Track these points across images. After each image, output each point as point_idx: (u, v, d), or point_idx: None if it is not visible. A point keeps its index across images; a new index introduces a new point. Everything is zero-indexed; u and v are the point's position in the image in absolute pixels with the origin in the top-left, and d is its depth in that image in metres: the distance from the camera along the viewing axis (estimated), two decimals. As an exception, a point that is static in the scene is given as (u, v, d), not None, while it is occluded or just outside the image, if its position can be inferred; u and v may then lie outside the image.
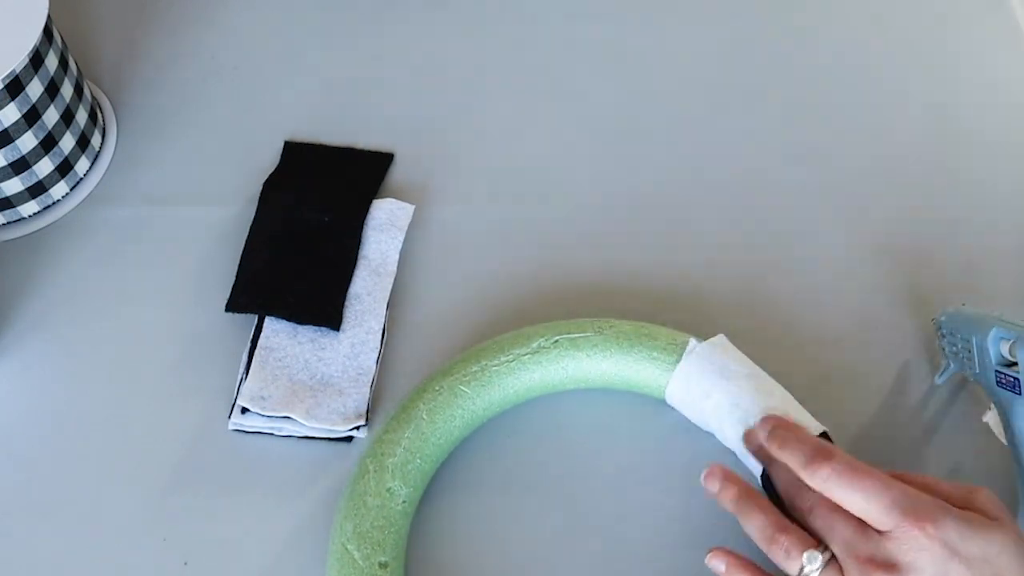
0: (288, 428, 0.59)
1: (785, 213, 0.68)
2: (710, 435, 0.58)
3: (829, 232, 0.67)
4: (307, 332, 0.62)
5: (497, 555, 0.56)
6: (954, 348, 0.57)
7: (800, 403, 0.55)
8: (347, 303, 0.63)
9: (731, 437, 0.56)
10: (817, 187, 0.69)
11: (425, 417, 0.56)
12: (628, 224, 0.67)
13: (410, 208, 0.67)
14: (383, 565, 0.52)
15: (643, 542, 0.56)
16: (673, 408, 0.59)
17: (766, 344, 0.61)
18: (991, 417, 0.57)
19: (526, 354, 0.58)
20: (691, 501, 0.57)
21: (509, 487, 0.58)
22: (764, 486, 0.56)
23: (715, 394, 0.56)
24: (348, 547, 0.52)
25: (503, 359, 0.58)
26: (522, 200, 0.69)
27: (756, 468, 0.55)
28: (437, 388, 0.57)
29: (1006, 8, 0.78)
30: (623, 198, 0.69)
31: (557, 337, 0.58)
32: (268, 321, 0.62)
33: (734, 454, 0.57)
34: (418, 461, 0.55)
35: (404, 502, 0.54)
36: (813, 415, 0.55)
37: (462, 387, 0.57)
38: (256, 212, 0.67)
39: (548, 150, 0.71)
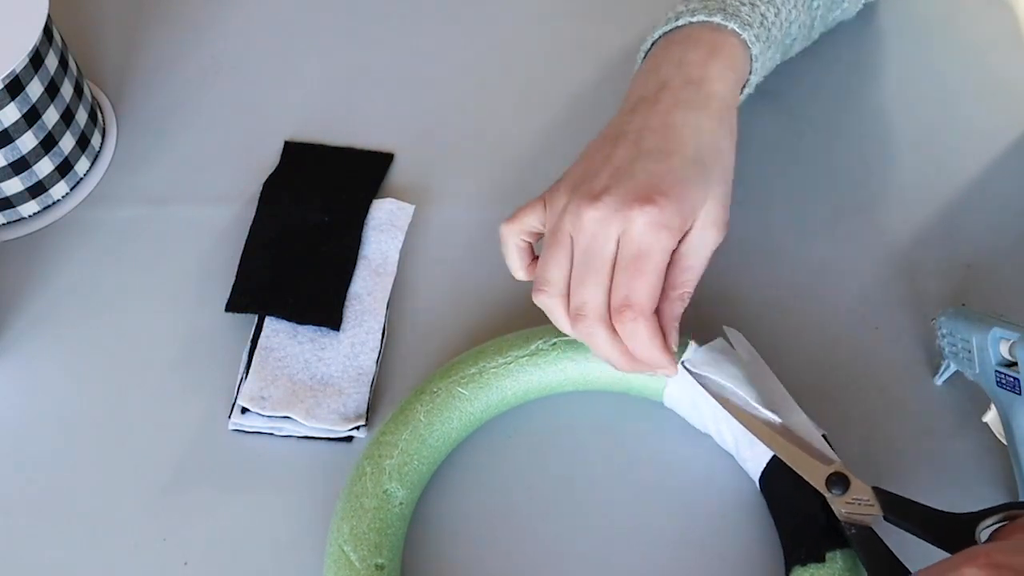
0: (288, 428, 0.59)
1: (784, 213, 0.68)
2: (708, 437, 0.58)
3: (829, 232, 0.67)
4: (307, 332, 0.62)
5: (494, 557, 0.56)
6: (954, 348, 0.57)
7: (800, 403, 0.55)
8: (347, 303, 0.63)
9: (729, 439, 0.56)
10: (816, 187, 0.69)
11: (423, 419, 0.56)
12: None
13: (410, 208, 0.67)
14: (380, 567, 0.52)
15: (641, 544, 0.56)
16: (671, 410, 0.59)
17: (766, 345, 0.61)
18: (991, 417, 0.57)
19: (524, 356, 0.58)
20: (690, 503, 0.57)
21: (507, 489, 0.58)
22: (763, 489, 0.56)
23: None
24: (345, 549, 0.52)
25: (501, 361, 0.58)
26: (522, 200, 0.69)
27: (755, 472, 0.55)
28: (435, 390, 0.57)
29: (1006, 8, 0.78)
30: (623, 198, 0.68)
31: (555, 339, 0.58)
32: (268, 321, 0.62)
33: (732, 456, 0.57)
34: (415, 463, 0.55)
35: (401, 504, 0.54)
36: (813, 415, 0.55)
37: (460, 389, 0.57)
38: (256, 212, 0.67)
39: (548, 150, 0.71)
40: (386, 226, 0.66)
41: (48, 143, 0.65)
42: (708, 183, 0.51)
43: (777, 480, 0.54)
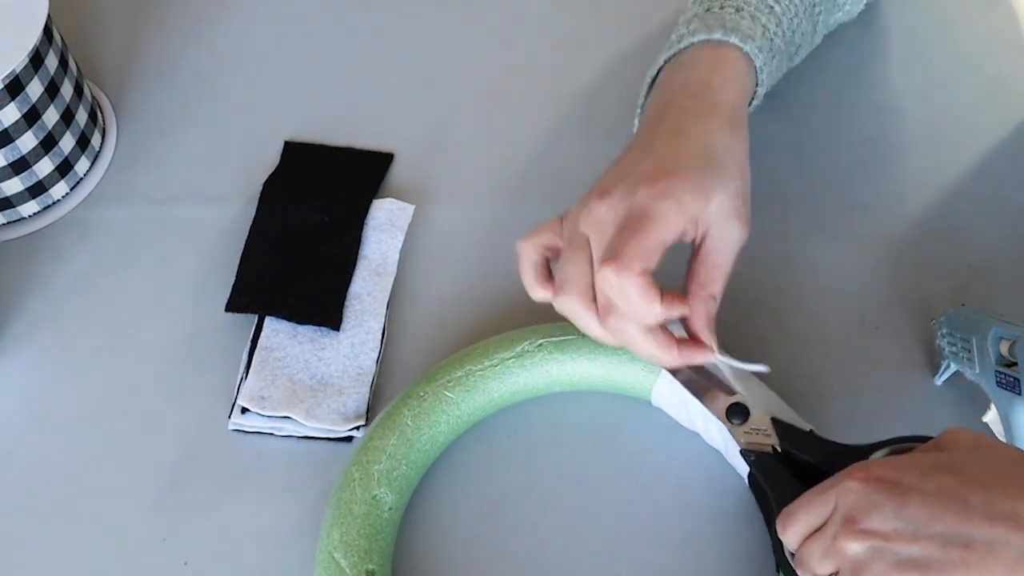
0: (288, 428, 0.59)
1: (784, 213, 0.68)
2: (696, 435, 0.58)
3: (829, 232, 0.67)
4: (307, 332, 0.62)
5: (485, 560, 0.56)
6: (954, 348, 0.57)
7: (799, 403, 0.55)
8: (347, 303, 0.63)
9: (716, 437, 0.56)
10: (816, 186, 0.69)
11: (410, 423, 0.56)
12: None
13: (410, 208, 0.67)
14: (370, 573, 0.52)
15: (630, 543, 0.56)
16: (659, 409, 0.59)
17: (765, 344, 0.61)
18: (991, 417, 0.57)
19: (510, 358, 0.58)
20: (679, 501, 0.57)
21: (496, 491, 0.58)
22: (751, 486, 0.56)
23: None
24: (335, 555, 0.52)
25: (487, 364, 0.58)
26: (522, 200, 0.69)
27: (743, 469, 0.55)
28: (421, 394, 0.57)
29: (1006, 8, 0.78)
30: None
31: (541, 340, 0.58)
32: (268, 321, 0.62)
33: (720, 454, 0.57)
34: (404, 468, 0.55)
35: (391, 509, 0.54)
36: (812, 415, 0.55)
37: (447, 392, 0.57)
38: (256, 212, 0.67)
39: (548, 150, 0.71)
40: (386, 226, 0.66)
41: (48, 143, 0.65)
42: (720, 173, 0.50)
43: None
